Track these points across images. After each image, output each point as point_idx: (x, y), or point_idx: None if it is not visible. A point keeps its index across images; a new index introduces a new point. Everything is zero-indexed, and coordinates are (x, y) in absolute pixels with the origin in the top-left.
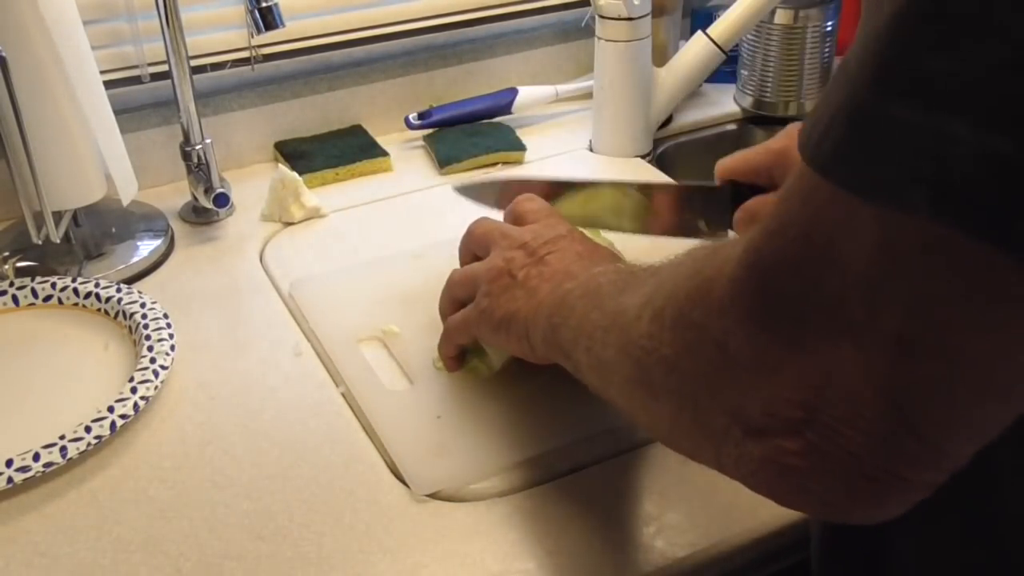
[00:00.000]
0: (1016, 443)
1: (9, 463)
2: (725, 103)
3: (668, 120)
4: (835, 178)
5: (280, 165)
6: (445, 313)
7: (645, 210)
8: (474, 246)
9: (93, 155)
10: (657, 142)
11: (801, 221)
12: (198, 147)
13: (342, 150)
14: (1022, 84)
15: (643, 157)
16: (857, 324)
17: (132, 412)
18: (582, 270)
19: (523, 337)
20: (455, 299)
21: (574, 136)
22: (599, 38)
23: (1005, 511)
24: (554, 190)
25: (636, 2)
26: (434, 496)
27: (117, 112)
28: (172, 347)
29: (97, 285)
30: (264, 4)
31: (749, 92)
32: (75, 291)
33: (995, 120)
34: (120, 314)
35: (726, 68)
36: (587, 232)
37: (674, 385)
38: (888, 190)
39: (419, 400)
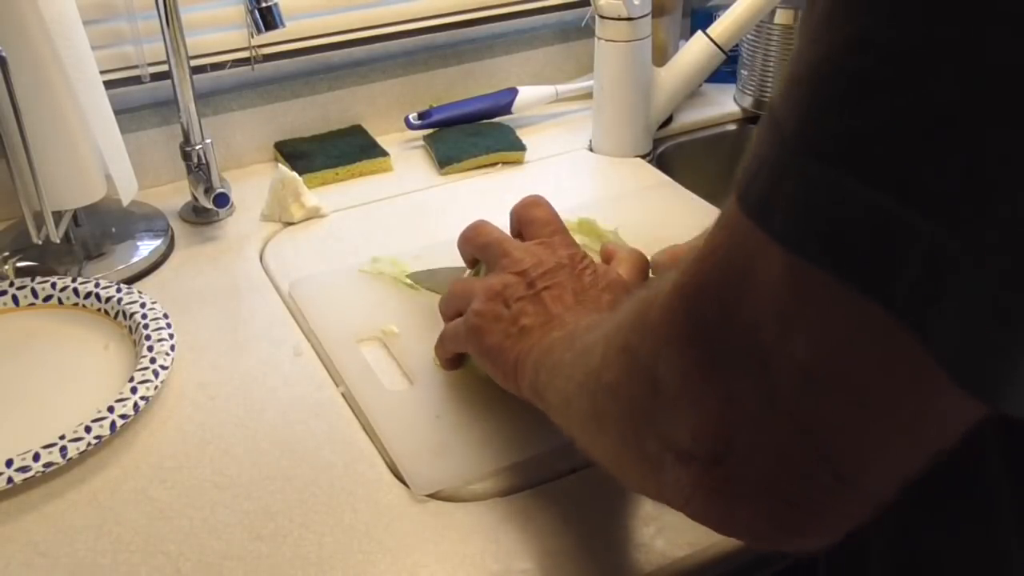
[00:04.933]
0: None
1: (9, 463)
2: (725, 103)
3: (668, 120)
4: (753, 218)
5: (280, 165)
6: (444, 317)
7: None
8: (476, 252)
9: (93, 155)
10: (657, 142)
11: (725, 247)
12: (198, 147)
13: (342, 150)
14: (903, 143)
15: (643, 157)
16: (767, 350)
17: (132, 412)
18: (573, 319)
19: (509, 376)
20: (452, 309)
21: (574, 136)
22: (599, 38)
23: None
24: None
25: (636, 2)
26: (434, 496)
27: (117, 112)
28: (172, 347)
29: (97, 285)
30: (264, 4)
31: (749, 92)
32: (75, 291)
33: (879, 177)
34: (120, 314)
35: (726, 68)
36: (589, 238)
37: (616, 413)
38: (791, 237)
39: (419, 400)
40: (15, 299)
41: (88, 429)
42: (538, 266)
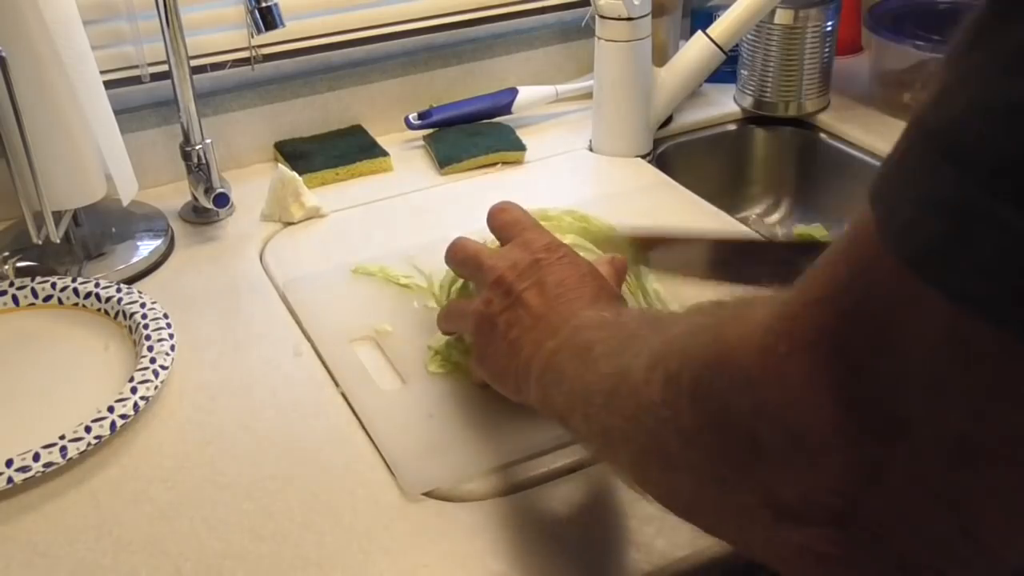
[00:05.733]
0: None
1: (9, 463)
2: (725, 103)
3: (668, 120)
4: (917, 267)
5: (280, 165)
6: (442, 333)
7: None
8: (457, 270)
9: (93, 155)
10: (657, 142)
11: (853, 295)
12: (198, 147)
13: (342, 150)
14: None
15: (643, 157)
16: (915, 419)
17: (132, 412)
18: (562, 321)
19: (517, 393)
20: (449, 326)
21: (574, 136)
22: (599, 38)
23: None
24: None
25: (636, 2)
26: (434, 496)
27: (117, 112)
28: (172, 347)
29: (97, 285)
30: (264, 4)
31: (749, 92)
32: (75, 291)
33: None
34: (120, 314)
35: (726, 68)
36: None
37: (695, 459)
38: (976, 295)
39: (411, 399)
40: (15, 299)
41: (88, 429)
42: (513, 268)
